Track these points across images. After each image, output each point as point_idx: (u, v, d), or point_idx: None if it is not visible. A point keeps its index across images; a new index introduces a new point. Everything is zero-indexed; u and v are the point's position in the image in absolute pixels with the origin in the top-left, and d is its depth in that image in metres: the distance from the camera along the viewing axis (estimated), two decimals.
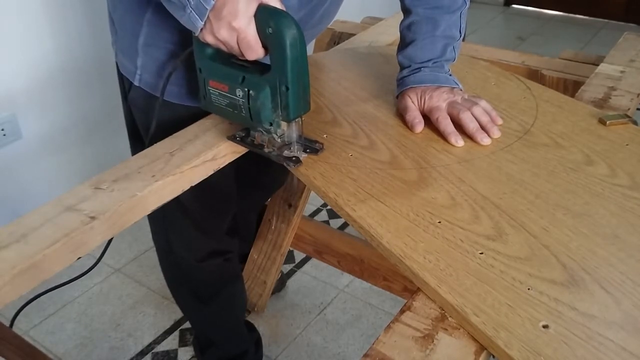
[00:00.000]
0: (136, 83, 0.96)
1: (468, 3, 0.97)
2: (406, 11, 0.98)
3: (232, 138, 0.85)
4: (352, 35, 1.35)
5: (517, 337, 0.55)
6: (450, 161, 0.82)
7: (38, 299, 0.87)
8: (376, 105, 0.98)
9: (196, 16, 0.73)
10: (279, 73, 0.75)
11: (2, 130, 1.69)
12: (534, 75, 1.20)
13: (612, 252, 0.65)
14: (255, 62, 0.78)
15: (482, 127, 0.87)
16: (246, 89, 0.77)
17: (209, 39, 0.76)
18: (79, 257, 0.68)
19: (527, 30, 3.53)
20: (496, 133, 0.87)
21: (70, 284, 0.85)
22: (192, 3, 0.72)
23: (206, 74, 0.81)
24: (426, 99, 0.90)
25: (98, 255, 0.81)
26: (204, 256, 1.20)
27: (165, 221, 1.16)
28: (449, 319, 0.60)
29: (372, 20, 1.48)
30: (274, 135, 0.81)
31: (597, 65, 1.14)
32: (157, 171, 0.77)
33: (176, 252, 1.20)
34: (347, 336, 1.57)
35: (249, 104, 0.78)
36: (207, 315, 1.34)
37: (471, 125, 0.86)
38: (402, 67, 0.96)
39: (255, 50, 0.74)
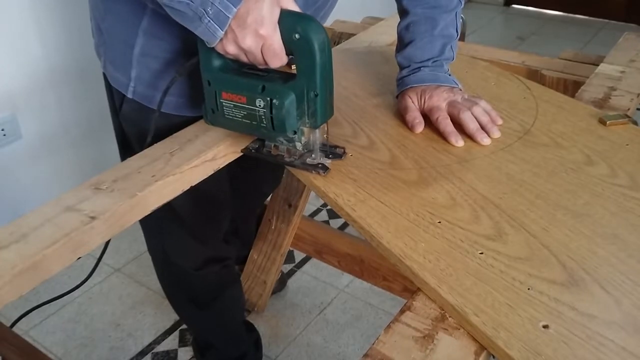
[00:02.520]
0: (129, 95, 0.92)
1: (463, 2, 0.97)
2: (404, 12, 0.97)
3: (246, 151, 0.84)
4: (352, 35, 1.35)
5: (517, 337, 0.55)
6: (450, 161, 0.82)
7: (38, 299, 0.86)
8: (376, 105, 0.98)
9: (216, 26, 0.70)
10: (306, 79, 0.73)
11: (2, 130, 1.69)
12: (534, 75, 1.20)
13: (612, 252, 0.65)
14: (271, 70, 0.76)
15: (482, 127, 0.87)
16: (268, 98, 0.74)
17: (230, 49, 0.73)
18: (79, 257, 0.68)
19: (527, 30, 3.53)
20: (496, 133, 0.87)
21: (70, 284, 0.85)
22: (211, 12, 0.69)
23: (217, 86, 0.78)
24: (426, 98, 0.90)
25: (98, 255, 0.81)
26: (201, 264, 1.19)
27: (161, 231, 1.14)
28: (449, 319, 0.60)
29: (372, 20, 1.48)
30: (297, 144, 0.79)
31: (597, 65, 1.14)
32: (157, 171, 0.77)
33: (173, 261, 1.19)
34: (347, 336, 1.57)
35: (271, 113, 0.75)
36: (205, 320, 1.34)
37: (471, 125, 0.86)
38: (402, 68, 0.96)
39: (280, 58, 0.73)
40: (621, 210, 0.72)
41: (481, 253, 0.65)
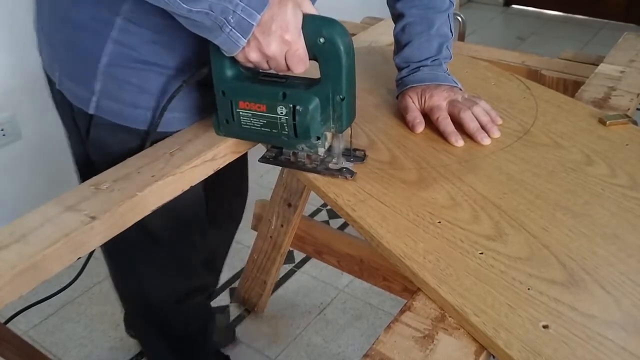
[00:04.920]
0: (91, 111, 0.83)
1: (454, 4, 0.98)
2: (399, 15, 0.97)
3: (263, 160, 0.83)
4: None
5: (517, 337, 0.55)
6: (450, 161, 0.82)
7: (37, 297, 0.87)
8: (376, 105, 0.98)
9: (238, 34, 0.68)
10: (332, 83, 0.72)
11: (2, 130, 1.69)
12: (534, 75, 1.20)
13: (612, 252, 0.65)
14: (289, 76, 0.75)
15: (482, 127, 0.87)
16: (291, 105, 0.73)
17: (253, 56, 0.71)
18: (79, 257, 0.68)
19: (527, 31, 3.53)
20: (496, 133, 0.87)
21: (70, 284, 0.85)
22: (233, 21, 0.67)
23: (233, 95, 0.76)
24: (427, 97, 0.90)
25: (97, 255, 0.81)
26: (183, 295, 1.11)
27: (137, 266, 1.04)
28: (449, 319, 0.60)
29: (372, 20, 1.48)
30: (320, 149, 0.78)
31: (597, 65, 1.14)
32: (157, 171, 0.77)
33: (149, 291, 1.09)
34: (347, 336, 1.57)
35: (294, 120, 0.74)
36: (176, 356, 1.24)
37: (472, 124, 0.86)
38: (401, 69, 0.96)
39: (305, 63, 0.72)
40: (621, 210, 0.72)
41: (481, 253, 0.65)
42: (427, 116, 0.90)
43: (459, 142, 0.85)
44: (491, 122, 0.88)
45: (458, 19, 1.40)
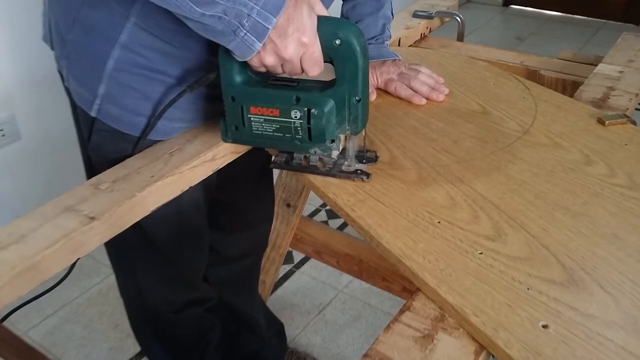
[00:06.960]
0: (93, 114, 0.83)
1: None
2: None
3: (274, 165, 0.83)
4: None
5: (517, 336, 0.55)
6: (450, 161, 0.82)
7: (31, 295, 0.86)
8: (375, 105, 0.98)
9: (253, 38, 0.67)
10: (349, 85, 0.72)
11: (1, 130, 1.69)
12: (533, 75, 1.20)
13: (612, 252, 0.65)
14: (301, 79, 0.74)
15: (432, 89, 0.98)
16: (305, 109, 0.72)
17: (268, 60, 0.70)
18: (79, 258, 0.68)
19: (526, 31, 3.53)
20: (445, 90, 0.99)
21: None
22: (247, 25, 0.66)
23: (244, 101, 0.75)
24: (378, 75, 1.01)
25: (96, 255, 0.81)
26: (181, 305, 1.10)
27: (135, 269, 1.04)
28: (449, 319, 0.60)
29: None
30: (334, 152, 0.77)
31: (596, 65, 1.14)
32: (156, 171, 0.77)
33: (148, 298, 1.08)
34: (346, 336, 1.57)
35: (309, 123, 0.73)
36: None
37: (424, 88, 0.98)
38: None
39: (320, 65, 0.71)
40: (620, 210, 0.72)
41: (481, 253, 0.65)
42: (384, 90, 1.02)
43: (422, 100, 0.97)
44: (437, 83, 1.00)
45: (457, 19, 1.40)
